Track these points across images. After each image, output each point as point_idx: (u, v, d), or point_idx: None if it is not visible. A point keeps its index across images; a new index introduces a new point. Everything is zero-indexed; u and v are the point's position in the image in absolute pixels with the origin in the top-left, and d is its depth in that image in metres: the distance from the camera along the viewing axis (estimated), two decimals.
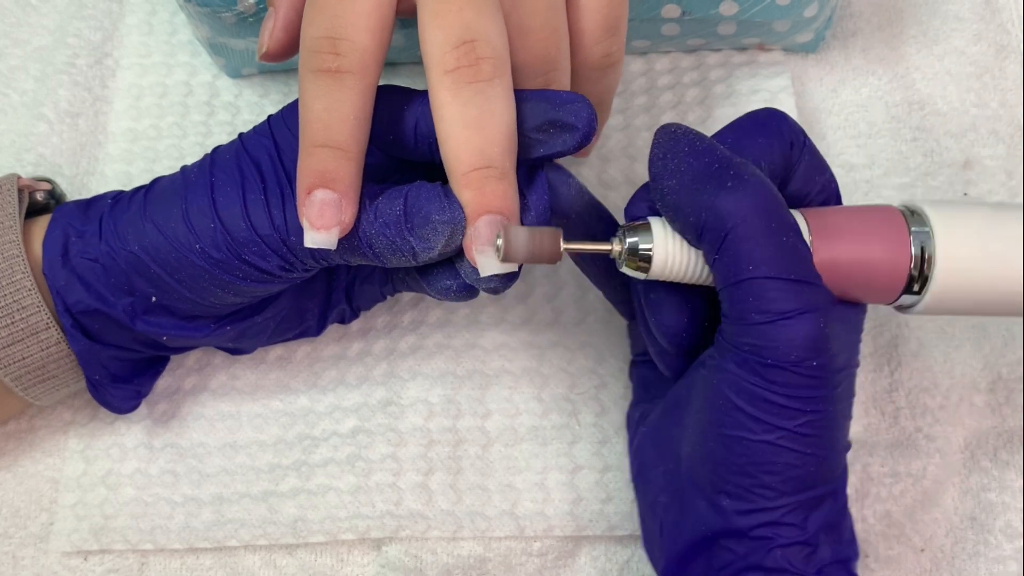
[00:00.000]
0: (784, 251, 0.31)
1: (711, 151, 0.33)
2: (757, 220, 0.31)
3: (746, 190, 0.32)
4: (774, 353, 0.31)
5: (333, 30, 0.33)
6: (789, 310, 0.31)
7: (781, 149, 0.34)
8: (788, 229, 0.32)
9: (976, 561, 0.42)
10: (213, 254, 0.35)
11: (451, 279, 0.37)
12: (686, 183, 0.32)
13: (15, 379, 0.39)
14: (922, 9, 0.52)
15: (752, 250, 0.31)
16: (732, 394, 0.33)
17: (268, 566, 0.43)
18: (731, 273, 0.32)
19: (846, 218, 0.33)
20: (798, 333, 0.31)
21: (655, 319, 0.36)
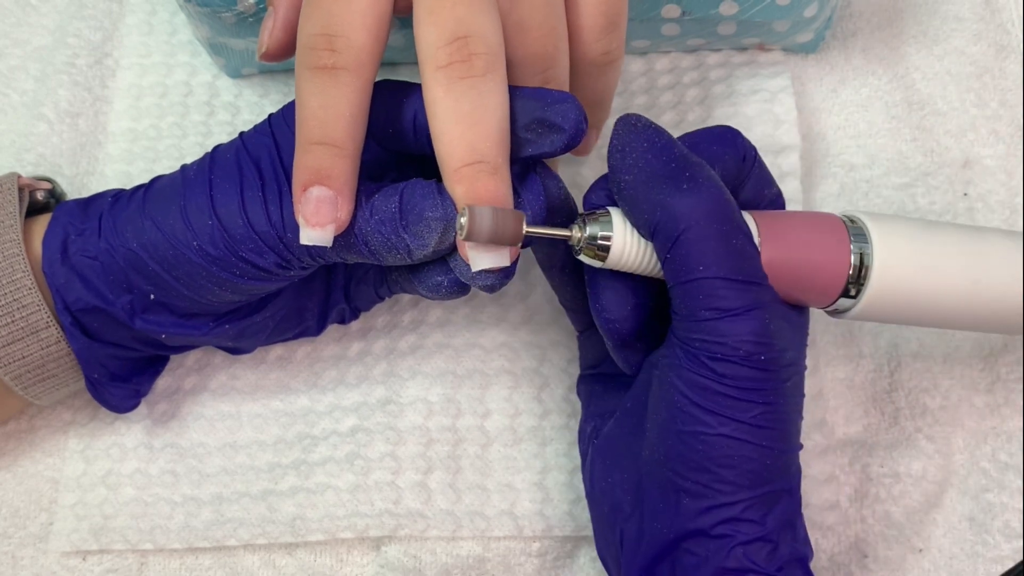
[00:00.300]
0: (733, 253, 0.33)
1: (669, 149, 0.34)
2: (709, 223, 0.32)
3: (700, 193, 0.33)
4: (723, 348, 0.32)
5: (330, 27, 0.33)
6: (737, 307, 0.32)
7: (735, 159, 0.36)
8: (738, 232, 0.33)
9: (974, 561, 0.42)
10: (210, 251, 0.35)
11: (442, 275, 0.37)
12: (642, 180, 0.33)
13: (15, 378, 0.39)
14: (922, 9, 0.52)
15: (703, 252, 0.32)
16: (686, 389, 0.33)
17: (267, 566, 0.43)
18: (682, 272, 0.33)
19: (793, 224, 0.35)
20: (745, 328, 0.32)
21: (597, 304, 0.36)
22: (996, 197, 0.48)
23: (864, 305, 0.35)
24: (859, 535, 0.42)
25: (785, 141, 0.48)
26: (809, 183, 0.49)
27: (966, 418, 0.44)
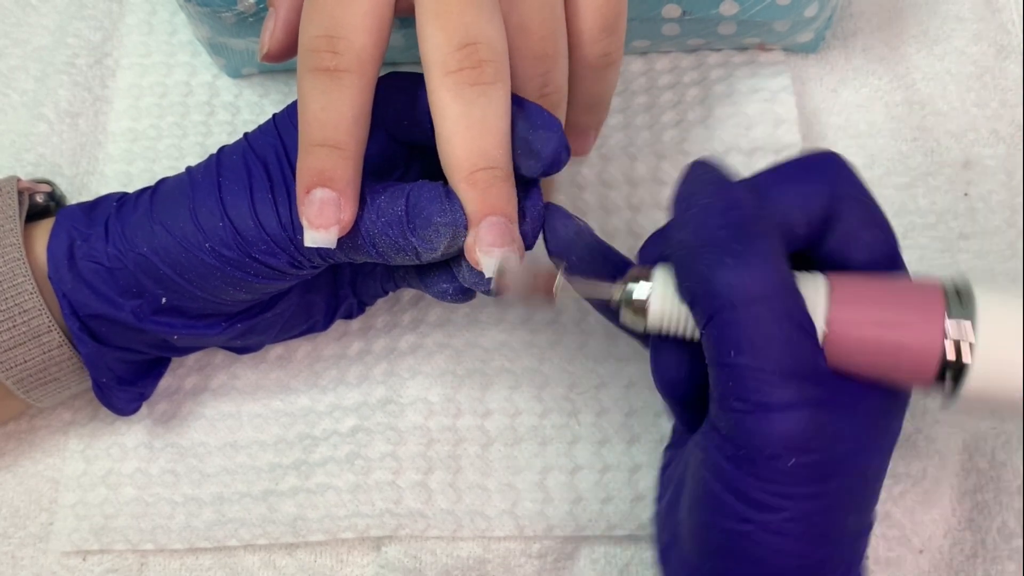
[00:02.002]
0: (774, 341, 0.29)
1: (729, 209, 0.30)
2: (748, 305, 0.29)
3: (745, 269, 0.29)
4: (748, 444, 0.29)
5: (331, 29, 0.33)
6: (770, 403, 0.29)
7: (822, 199, 0.32)
8: (785, 317, 0.29)
9: (973, 562, 0.42)
10: (224, 253, 0.35)
11: (447, 282, 0.37)
12: (690, 240, 0.31)
13: (16, 382, 0.39)
14: (922, 9, 0.52)
15: (737, 337, 0.29)
16: (709, 475, 0.31)
17: (267, 566, 0.43)
18: (715, 352, 0.30)
19: (877, 291, 0.30)
20: (777, 428, 0.29)
21: (653, 366, 0.34)
22: (996, 197, 0.48)
23: (967, 396, 0.29)
24: None
25: (786, 140, 0.48)
26: None
27: (966, 419, 0.44)
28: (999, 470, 0.43)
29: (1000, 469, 0.43)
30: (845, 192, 0.32)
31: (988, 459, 0.44)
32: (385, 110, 0.37)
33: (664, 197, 0.48)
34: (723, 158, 0.48)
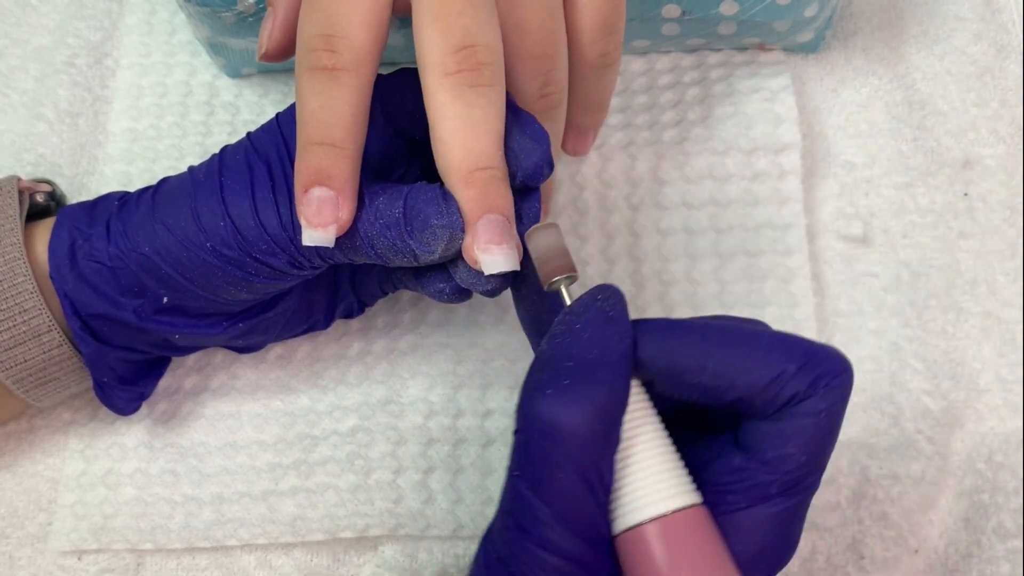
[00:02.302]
0: (555, 484, 0.29)
1: (590, 347, 0.30)
2: (544, 440, 0.29)
3: (558, 408, 0.29)
4: (510, 558, 0.30)
5: (329, 28, 0.33)
6: (535, 535, 0.30)
7: (766, 385, 0.30)
8: (575, 468, 0.29)
9: (968, 562, 0.42)
10: (225, 252, 0.35)
11: (444, 282, 0.37)
12: (542, 353, 0.31)
13: (16, 381, 0.39)
14: (922, 9, 0.52)
15: (525, 462, 0.29)
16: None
17: (264, 566, 0.43)
18: (510, 463, 0.30)
19: (708, 549, 0.29)
20: (537, 565, 0.29)
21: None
22: (996, 197, 0.48)
23: None
24: (856, 536, 0.42)
25: (786, 139, 0.48)
26: (810, 183, 0.49)
27: (967, 420, 0.44)
28: (996, 471, 0.43)
29: (998, 470, 0.43)
30: (794, 387, 0.30)
31: (986, 460, 0.44)
32: (395, 105, 0.37)
33: (664, 197, 0.48)
34: (723, 158, 0.48)
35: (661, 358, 0.30)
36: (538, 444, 0.29)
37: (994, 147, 0.49)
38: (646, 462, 0.30)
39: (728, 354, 0.30)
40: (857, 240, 0.47)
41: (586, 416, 0.29)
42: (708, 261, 0.47)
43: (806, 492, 0.31)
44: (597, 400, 0.29)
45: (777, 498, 0.30)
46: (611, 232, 0.48)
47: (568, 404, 0.29)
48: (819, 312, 0.46)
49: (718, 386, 0.30)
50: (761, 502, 0.30)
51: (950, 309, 0.46)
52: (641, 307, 0.46)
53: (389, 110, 0.37)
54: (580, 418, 0.29)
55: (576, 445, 0.29)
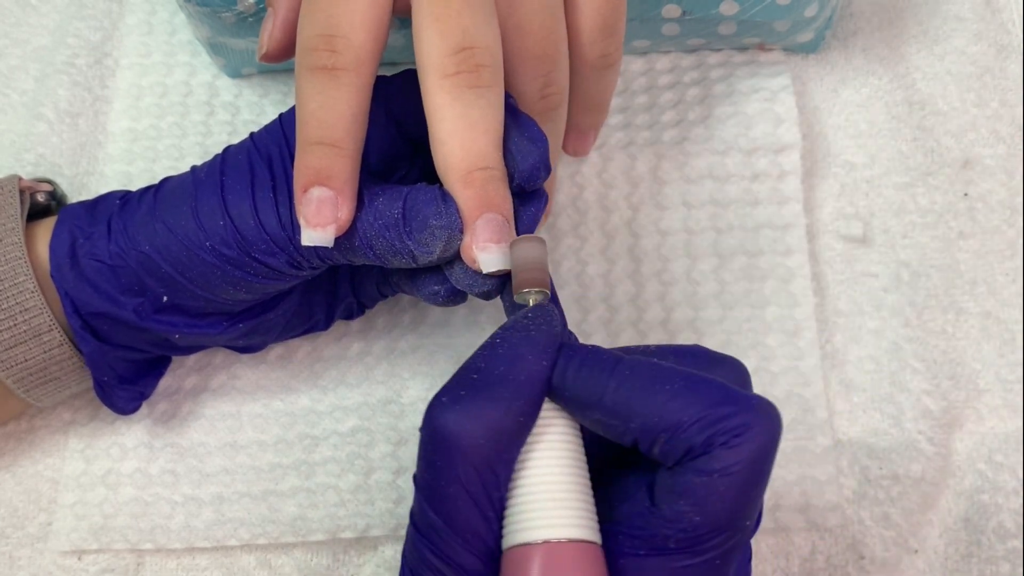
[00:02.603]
0: (442, 484, 0.29)
1: (504, 363, 0.30)
2: (438, 444, 0.29)
3: (454, 419, 0.29)
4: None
5: (329, 28, 0.33)
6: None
7: (658, 435, 0.29)
8: (457, 479, 0.29)
9: (968, 562, 0.42)
10: (224, 251, 0.35)
11: (438, 284, 0.37)
12: (468, 363, 0.31)
13: (17, 381, 0.39)
14: (922, 9, 0.52)
15: (423, 462, 0.30)
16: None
17: (263, 566, 0.43)
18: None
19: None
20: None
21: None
22: (996, 197, 0.48)
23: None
24: (856, 536, 0.42)
25: (786, 139, 0.48)
26: (810, 183, 0.49)
27: (967, 421, 0.44)
28: (997, 471, 0.43)
29: (998, 470, 0.43)
30: (706, 438, 0.28)
31: (986, 460, 0.44)
32: (399, 105, 0.37)
33: (664, 196, 0.48)
34: (723, 158, 0.48)
35: (568, 387, 0.30)
36: (429, 450, 0.29)
37: (994, 147, 0.49)
38: (545, 486, 0.30)
39: (628, 395, 0.29)
40: (857, 240, 0.47)
41: (475, 430, 0.29)
42: (708, 261, 0.47)
43: (718, 551, 0.29)
44: (489, 415, 0.29)
45: (678, 554, 0.29)
46: (611, 232, 0.48)
47: (459, 415, 0.29)
48: (819, 312, 0.46)
49: (615, 426, 0.29)
50: (660, 554, 0.29)
51: (950, 309, 0.46)
52: (641, 307, 0.46)
53: (393, 111, 0.37)
54: (468, 430, 0.29)
55: (461, 457, 0.29)
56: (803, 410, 0.44)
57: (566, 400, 0.30)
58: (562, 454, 0.30)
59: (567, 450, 0.30)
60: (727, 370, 0.31)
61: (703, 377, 0.29)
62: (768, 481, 0.29)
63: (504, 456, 0.29)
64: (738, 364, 0.32)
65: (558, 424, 0.30)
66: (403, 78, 0.37)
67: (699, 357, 0.32)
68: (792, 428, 0.44)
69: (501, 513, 0.30)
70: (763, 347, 0.45)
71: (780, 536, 0.43)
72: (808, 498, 0.42)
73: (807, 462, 0.43)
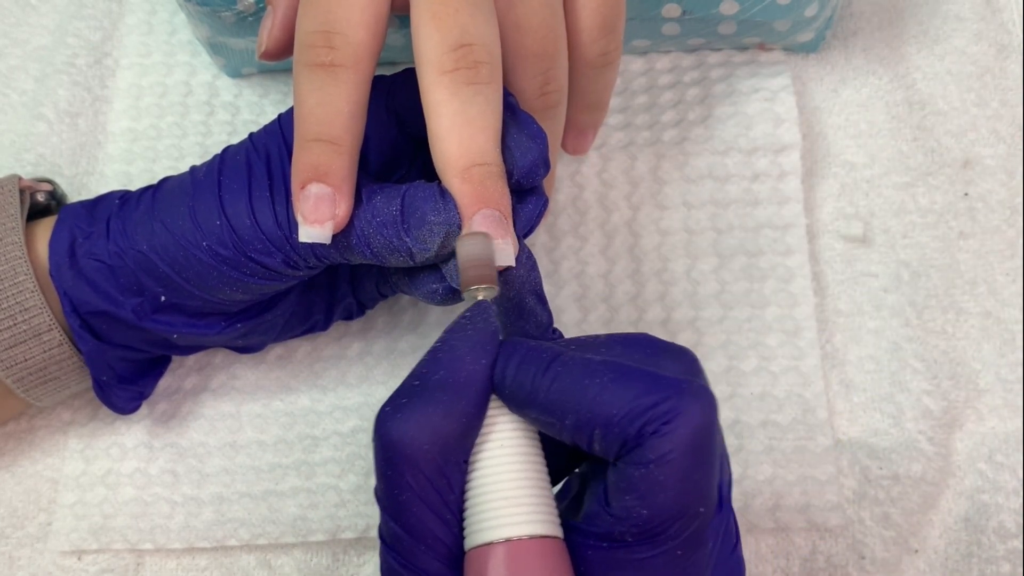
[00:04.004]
0: (393, 491, 0.29)
1: (445, 365, 0.30)
2: (389, 453, 0.29)
3: (399, 427, 0.29)
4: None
5: (327, 24, 0.33)
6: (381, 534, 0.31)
7: (593, 430, 0.29)
8: (408, 485, 0.29)
9: (968, 562, 0.42)
10: (220, 251, 0.35)
11: (437, 283, 0.37)
12: (416, 369, 0.31)
13: (17, 381, 0.39)
14: (923, 9, 0.52)
15: (380, 471, 0.30)
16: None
17: (263, 566, 0.43)
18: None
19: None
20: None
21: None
22: (996, 197, 0.48)
23: None
24: (857, 536, 0.42)
25: (786, 139, 0.48)
26: (810, 183, 0.49)
27: (967, 421, 0.44)
28: (997, 471, 0.43)
29: (998, 470, 0.43)
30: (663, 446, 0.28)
31: (986, 460, 0.44)
32: (401, 103, 0.37)
33: (664, 196, 0.48)
34: (723, 158, 0.48)
35: (506, 385, 0.30)
36: (379, 461, 0.29)
37: (994, 147, 0.49)
38: (499, 485, 0.30)
39: (560, 393, 0.29)
40: (857, 240, 0.47)
41: (419, 436, 0.29)
42: (708, 261, 0.47)
43: (676, 541, 0.28)
44: (432, 420, 0.29)
45: (637, 546, 0.29)
46: (611, 232, 0.48)
47: (402, 423, 0.29)
48: (819, 312, 0.46)
49: (552, 424, 0.29)
50: (620, 547, 0.29)
51: (950, 309, 0.46)
52: (641, 307, 0.46)
53: (394, 107, 0.37)
54: (412, 437, 0.29)
55: (409, 464, 0.29)
56: (803, 410, 0.44)
57: (506, 398, 0.30)
58: (513, 450, 0.30)
59: (519, 445, 0.30)
60: (674, 359, 0.31)
61: (631, 368, 0.29)
62: (718, 464, 0.29)
63: (452, 459, 0.29)
64: (686, 353, 0.32)
65: (507, 420, 0.31)
66: (404, 75, 0.37)
67: (647, 346, 0.31)
68: (792, 428, 0.44)
69: (459, 515, 0.30)
70: (763, 347, 0.45)
71: (780, 536, 0.43)
72: (808, 498, 0.42)
73: (807, 462, 0.43)
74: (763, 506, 0.43)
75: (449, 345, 0.31)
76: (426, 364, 0.31)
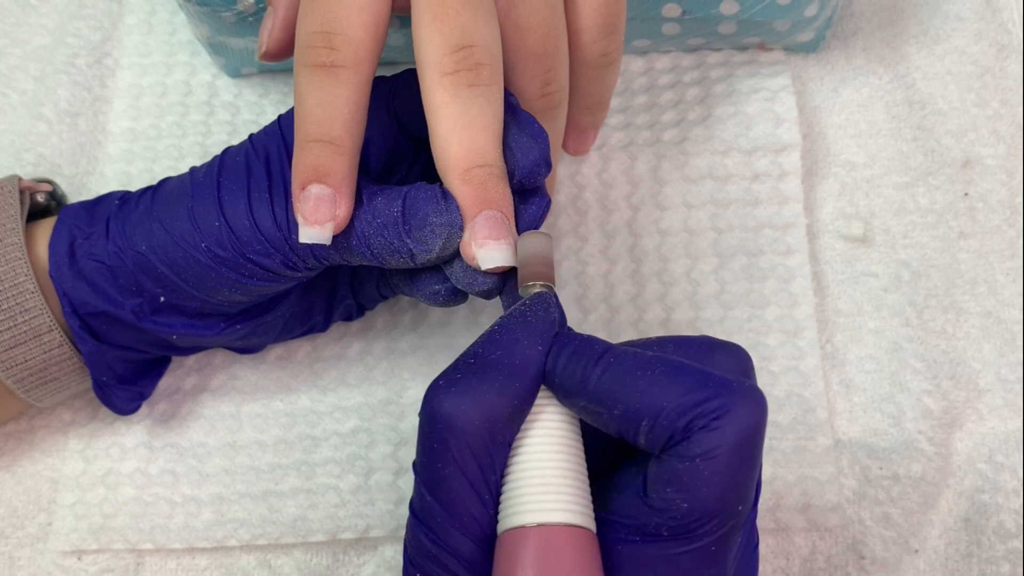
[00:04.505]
0: (443, 472, 0.29)
1: (504, 346, 0.30)
2: (436, 426, 0.29)
3: (450, 403, 0.29)
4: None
5: (328, 25, 0.33)
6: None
7: (642, 422, 0.29)
8: (456, 463, 0.29)
9: (968, 562, 0.42)
10: (219, 252, 0.35)
11: (439, 283, 0.37)
12: (470, 349, 0.31)
13: (17, 381, 0.39)
14: (923, 9, 0.52)
15: (422, 448, 0.30)
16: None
17: (263, 566, 0.43)
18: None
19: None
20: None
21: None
22: (996, 197, 0.48)
23: None
24: (857, 536, 0.42)
25: (786, 139, 0.48)
26: (810, 183, 0.49)
27: (967, 421, 0.44)
28: (997, 471, 0.43)
29: (998, 470, 0.43)
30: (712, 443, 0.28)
31: (986, 460, 0.44)
32: (402, 104, 0.37)
33: (664, 196, 0.48)
34: (723, 158, 0.48)
35: (557, 374, 0.30)
36: (426, 433, 0.30)
37: (994, 147, 0.49)
38: (540, 471, 0.30)
39: (610, 383, 0.29)
40: (857, 240, 0.47)
41: (471, 412, 0.29)
42: (708, 261, 0.47)
43: (712, 537, 0.29)
44: (485, 398, 0.29)
45: (671, 540, 0.29)
46: (611, 232, 0.48)
47: (455, 397, 0.29)
48: (819, 312, 0.46)
49: (599, 414, 0.30)
50: (654, 541, 0.29)
51: (950, 309, 0.46)
52: (641, 307, 0.46)
53: (395, 109, 0.37)
54: (464, 413, 0.29)
55: (457, 439, 0.29)
56: (803, 410, 0.44)
57: (556, 387, 0.30)
58: (557, 439, 0.30)
59: (562, 435, 0.31)
60: (727, 356, 0.31)
61: (684, 364, 0.29)
62: (759, 465, 0.29)
63: (499, 439, 0.29)
64: (739, 350, 0.32)
65: (553, 410, 0.31)
66: (405, 76, 0.37)
67: (701, 345, 0.32)
68: (792, 428, 0.44)
69: (497, 497, 0.30)
70: (763, 347, 0.45)
71: (780, 536, 0.43)
72: (808, 498, 0.42)
73: (807, 462, 0.43)
74: (763, 506, 0.43)
75: (507, 328, 0.31)
76: (483, 344, 0.31)
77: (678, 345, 0.32)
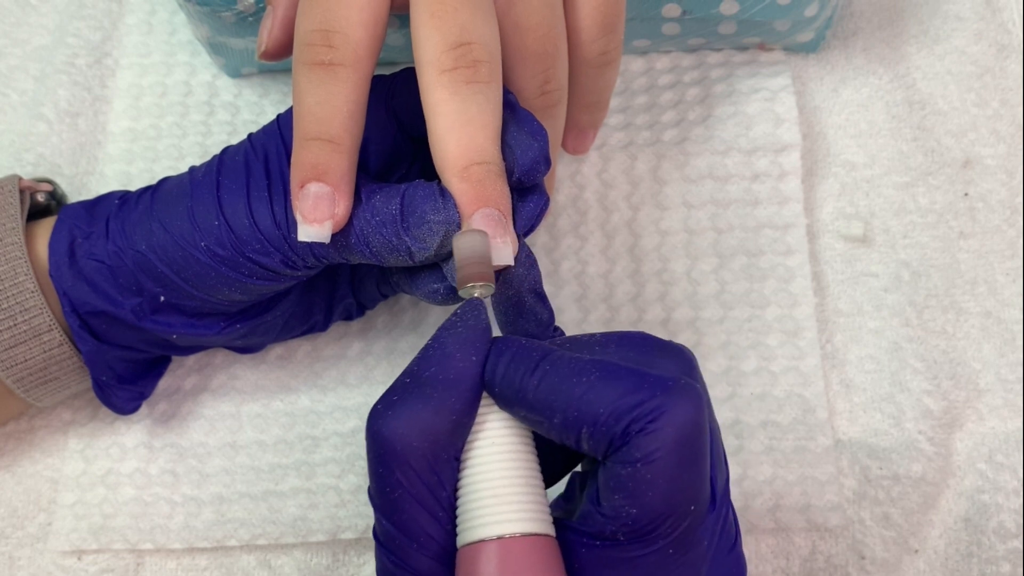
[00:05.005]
0: (383, 480, 0.29)
1: (435, 362, 0.30)
2: (381, 450, 0.29)
3: (392, 424, 0.29)
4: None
5: (326, 23, 0.33)
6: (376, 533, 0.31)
7: (581, 430, 0.29)
8: (401, 491, 0.29)
9: (969, 562, 0.42)
10: (218, 251, 0.35)
11: (438, 282, 0.37)
12: (409, 366, 0.31)
13: (17, 381, 0.39)
14: (923, 9, 0.52)
15: (374, 471, 0.30)
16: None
17: (264, 566, 0.43)
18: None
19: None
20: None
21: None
22: (996, 197, 0.48)
23: None
24: (857, 536, 0.42)
25: (786, 139, 0.48)
26: (810, 183, 0.49)
27: (967, 421, 0.44)
28: (997, 471, 0.43)
29: (998, 470, 0.43)
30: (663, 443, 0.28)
31: (986, 460, 0.44)
32: (401, 103, 0.37)
33: (664, 196, 0.48)
34: (723, 158, 0.48)
35: (496, 383, 0.30)
36: (371, 459, 0.30)
37: (994, 147, 0.49)
38: (490, 482, 0.30)
39: (548, 391, 0.29)
40: (857, 240, 0.47)
41: (409, 433, 0.29)
42: (708, 261, 0.47)
43: (668, 540, 0.28)
44: (421, 417, 0.29)
45: (628, 545, 0.29)
46: (611, 232, 0.48)
47: (392, 420, 0.29)
48: (819, 312, 0.46)
49: (540, 423, 0.29)
50: (613, 546, 0.29)
51: (950, 309, 0.46)
52: (641, 307, 0.46)
53: (394, 107, 0.37)
54: (402, 434, 0.29)
55: (400, 461, 0.29)
56: (803, 410, 0.44)
57: (496, 396, 0.30)
58: (505, 448, 0.30)
59: (511, 443, 0.30)
60: (669, 357, 0.31)
61: (619, 366, 0.29)
62: (705, 461, 0.29)
63: (443, 455, 0.29)
64: (683, 351, 0.32)
65: (498, 418, 0.31)
66: (404, 75, 0.37)
67: (642, 345, 0.31)
68: (792, 428, 0.44)
69: (452, 512, 0.30)
70: (763, 347, 0.45)
71: (780, 536, 0.43)
72: (808, 498, 0.42)
73: (807, 462, 0.43)
74: (763, 506, 0.43)
75: (440, 342, 0.31)
76: (417, 362, 0.31)
77: (620, 344, 0.31)
